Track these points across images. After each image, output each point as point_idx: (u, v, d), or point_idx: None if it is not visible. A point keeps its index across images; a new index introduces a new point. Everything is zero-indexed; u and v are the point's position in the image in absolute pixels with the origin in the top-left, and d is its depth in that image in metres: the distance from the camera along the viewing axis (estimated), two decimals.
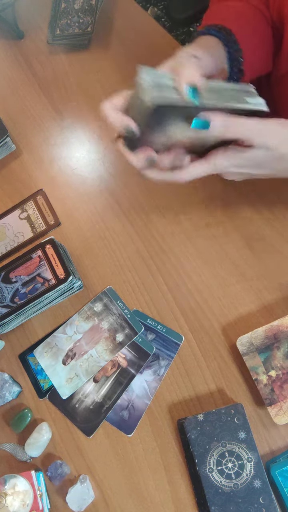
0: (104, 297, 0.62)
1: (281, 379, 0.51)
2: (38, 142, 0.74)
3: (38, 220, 0.69)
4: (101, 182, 0.70)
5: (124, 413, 0.56)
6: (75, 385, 0.58)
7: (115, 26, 0.81)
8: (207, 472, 0.49)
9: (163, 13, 1.74)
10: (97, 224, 0.67)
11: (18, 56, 0.82)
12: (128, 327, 0.60)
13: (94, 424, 0.56)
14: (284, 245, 0.60)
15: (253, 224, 0.62)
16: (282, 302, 0.58)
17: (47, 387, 0.59)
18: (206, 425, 0.51)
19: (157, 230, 0.64)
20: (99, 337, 0.60)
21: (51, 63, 0.80)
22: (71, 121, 0.75)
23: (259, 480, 0.49)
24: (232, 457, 0.49)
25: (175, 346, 0.58)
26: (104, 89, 0.76)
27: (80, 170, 0.71)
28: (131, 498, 0.54)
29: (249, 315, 0.58)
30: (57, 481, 0.55)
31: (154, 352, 0.58)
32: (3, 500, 0.52)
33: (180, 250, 0.63)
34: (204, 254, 0.62)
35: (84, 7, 0.79)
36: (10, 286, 0.61)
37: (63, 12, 0.80)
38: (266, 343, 0.53)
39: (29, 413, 0.58)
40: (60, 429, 0.58)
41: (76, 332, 0.61)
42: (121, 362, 0.58)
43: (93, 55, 0.79)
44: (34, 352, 0.61)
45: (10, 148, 0.74)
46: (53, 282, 0.59)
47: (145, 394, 0.57)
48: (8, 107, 0.78)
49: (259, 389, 0.52)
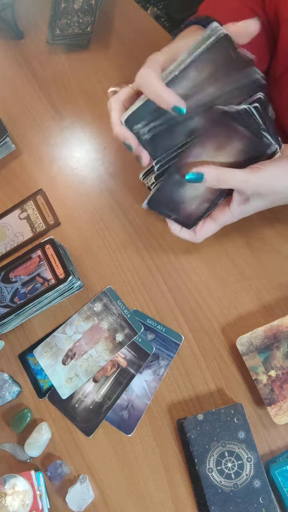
0: (104, 297, 0.62)
1: (280, 379, 0.51)
2: (38, 142, 0.74)
3: (37, 220, 0.69)
4: (101, 182, 0.70)
5: (123, 413, 0.56)
6: (74, 385, 0.58)
7: (115, 26, 0.81)
8: (207, 472, 0.49)
9: (163, 13, 1.74)
10: (97, 224, 0.67)
11: (18, 56, 0.82)
12: (127, 327, 0.60)
13: (94, 424, 0.56)
14: (284, 245, 0.60)
15: (252, 223, 0.62)
16: (281, 302, 0.58)
17: (46, 387, 0.59)
18: (205, 425, 0.51)
19: (157, 230, 0.64)
20: (99, 337, 0.60)
21: (51, 63, 0.80)
22: (71, 121, 0.75)
23: (259, 480, 0.49)
24: (231, 457, 0.50)
25: (175, 346, 0.58)
26: (104, 89, 0.76)
27: (80, 170, 0.71)
28: (130, 498, 0.54)
29: (249, 315, 0.58)
30: (57, 481, 0.55)
31: (153, 352, 0.58)
32: (2, 500, 0.52)
33: (180, 250, 0.63)
34: (203, 254, 0.62)
35: (83, 7, 0.79)
36: (10, 286, 0.61)
37: (63, 12, 0.80)
38: (266, 343, 0.53)
39: (28, 413, 0.58)
40: (60, 429, 0.58)
41: (76, 332, 0.61)
42: (121, 362, 0.58)
43: (93, 55, 0.79)
44: (34, 352, 0.61)
45: (9, 148, 0.74)
46: (53, 282, 0.59)
47: (144, 394, 0.57)
48: (7, 107, 0.78)
49: (259, 389, 0.52)
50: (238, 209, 0.51)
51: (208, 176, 0.47)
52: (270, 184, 0.48)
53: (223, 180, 0.47)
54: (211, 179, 0.48)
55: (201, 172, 0.47)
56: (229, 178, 0.47)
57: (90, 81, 0.77)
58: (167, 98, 0.44)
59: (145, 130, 0.48)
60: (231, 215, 0.53)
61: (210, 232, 0.55)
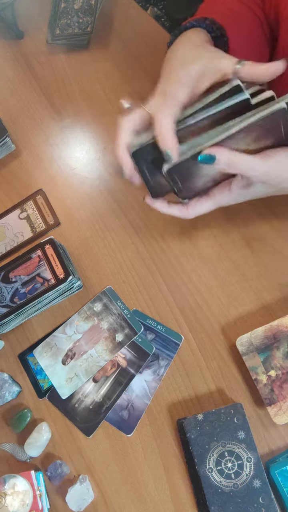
0: (104, 297, 0.62)
1: (280, 379, 0.51)
2: (38, 142, 0.74)
3: (37, 220, 0.69)
4: (100, 182, 0.70)
5: (123, 413, 0.56)
6: (74, 385, 0.58)
7: (114, 26, 0.81)
8: (207, 472, 0.49)
9: (163, 13, 1.74)
10: (97, 224, 0.67)
11: (18, 56, 0.82)
12: (127, 327, 0.60)
13: (94, 424, 0.56)
14: (284, 245, 0.60)
15: (253, 224, 0.62)
16: (281, 302, 0.58)
17: (46, 387, 0.59)
18: (205, 425, 0.51)
19: (157, 230, 0.64)
20: (99, 337, 0.60)
21: (50, 63, 0.80)
22: (71, 121, 0.75)
23: (259, 480, 0.49)
24: (231, 457, 0.50)
25: (175, 346, 0.58)
26: (103, 89, 0.76)
27: (79, 170, 0.71)
28: (130, 498, 0.54)
29: (249, 315, 0.58)
30: (57, 481, 0.55)
31: (153, 352, 0.58)
32: (2, 500, 0.52)
33: (180, 250, 0.63)
34: (203, 254, 0.62)
35: (83, 7, 0.79)
36: (10, 286, 0.61)
37: (63, 12, 0.80)
38: (266, 343, 0.53)
39: (28, 413, 0.58)
40: (60, 429, 0.58)
41: (76, 332, 0.61)
42: (121, 362, 0.58)
43: (92, 55, 0.79)
44: (34, 352, 0.61)
45: (9, 148, 0.73)
46: (53, 282, 0.59)
47: (144, 394, 0.57)
48: (7, 107, 0.78)
49: (259, 389, 0.52)
50: (238, 191, 0.50)
51: (220, 159, 0.46)
52: (278, 172, 0.47)
53: (233, 165, 0.46)
54: (223, 162, 0.46)
55: (214, 154, 0.46)
56: (240, 163, 0.46)
57: (90, 81, 0.77)
58: (166, 142, 0.45)
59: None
60: (231, 196, 0.51)
61: (204, 209, 0.53)
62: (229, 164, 0.47)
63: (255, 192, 0.50)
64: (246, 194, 0.51)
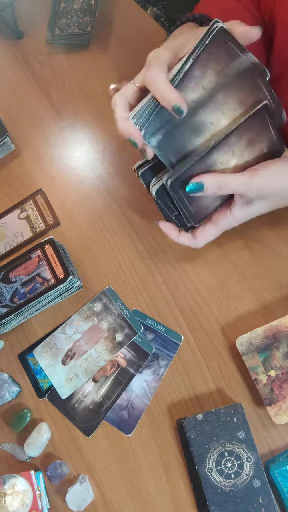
0: (104, 297, 0.62)
1: (280, 379, 0.51)
2: (38, 142, 0.74)
3: (37, 220, 0.69)
4: (100, 182, 0.70)
5: (123, 413, 0.56)
6: (74, 385, 0.58)
7: (114, 26, 0.81)
8: (207, 472, 0.49)
9: (163, 12, 1.74)
10: (97, 224, 0.67)
11: (18, 56, 0.82)
12: (127, 327, 0.60)
13: (94, 424, 0.56)
14: (283, 246, 0.60)
15: (252, 225, 0.62)
16: (281, 302, 0.58)
17: (46, 387, 0.59)
18: (205, 425, 0.51)
19: (157, 230, 0.64)
20: (99, 337, 0.60)
21: (50, 63, 0.80)
22: (71, 120, 0.75)
23: (259, 480, 0.49)
24: (231, 457, 0.50)
25: (175, 346, 0.58)
26: (103, 89, 0.76)
27: (79, 170, 0.71)
28: (130, 498, 0.54)
29: (248, 315, 0.58)
30: (57, 481, 0.55)
31: (153, 352, 0.58)
32: (2, 500, 0.52)
33: (180, 250, 0.63)
34: (203, 254, 0.62)
35: (83, 7, 0.79)
36: (10, 286, 0.61)
37: (63, 12, 0.80)
38: (266, 343, 0.53)
39: (28, 413, 0.58)
40: (60, 429, 0.58)
41: (76, 332, 0.61)
42: (121, 362, 0.58)
43: (92, 55, 0.79)
44: (34, 352, 0.61)
45: (9, 148, 0.73)
46: (53, 282, 0.59)
47: (144, 394, 0.57)
48: (7, 106, 0.78)
49: (259, 389, 0.52)
50: (241, 212, 0.50)
51: (208, 185, 0.47)
52: (271, 185, 0.47)
53: (224, 186, 0.47)
54: (212, 187, 0.47)
55: (201, 181, 0.47)
56: (230, 183, 0.47)
57: (90, 81, 0.77)
58: (169, 97, 0.44)
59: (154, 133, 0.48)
60: (233, 218, 0.51)
61: (211, 237, 0.54)
62: (219, 186, 0.47)
63: (258, 208, 0.50)
64: (249, 213, 0.51)
